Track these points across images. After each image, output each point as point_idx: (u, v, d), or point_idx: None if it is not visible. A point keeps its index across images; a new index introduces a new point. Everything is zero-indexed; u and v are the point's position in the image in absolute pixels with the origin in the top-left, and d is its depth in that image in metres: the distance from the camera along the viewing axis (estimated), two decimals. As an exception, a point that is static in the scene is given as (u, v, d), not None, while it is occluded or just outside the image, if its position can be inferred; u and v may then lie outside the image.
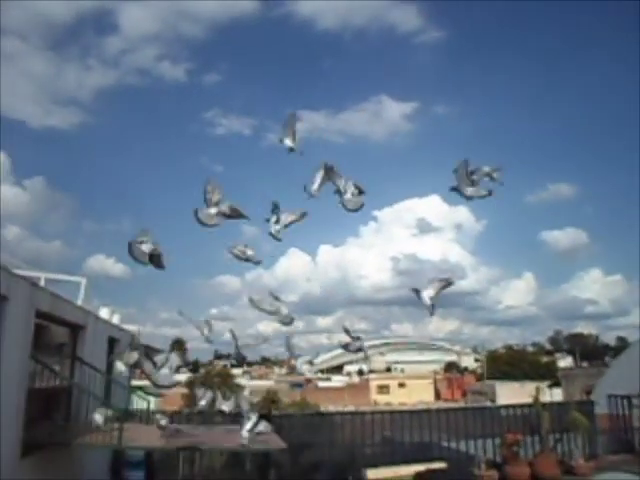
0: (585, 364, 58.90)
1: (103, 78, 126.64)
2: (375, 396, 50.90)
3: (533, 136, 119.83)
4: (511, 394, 28.55)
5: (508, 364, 59.26)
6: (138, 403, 10.20)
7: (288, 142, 4.40)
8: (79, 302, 8.47)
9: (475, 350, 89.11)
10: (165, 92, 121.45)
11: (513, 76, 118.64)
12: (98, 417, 6.51)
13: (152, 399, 13.70)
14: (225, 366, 58.05)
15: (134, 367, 3.90)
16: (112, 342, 9.64)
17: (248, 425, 6.53)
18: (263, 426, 6.76)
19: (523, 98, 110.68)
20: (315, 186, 4.46)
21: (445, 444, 10.71)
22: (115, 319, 10.50)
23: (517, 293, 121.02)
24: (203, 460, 9.72)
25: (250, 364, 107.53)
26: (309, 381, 67.01)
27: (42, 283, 7.13)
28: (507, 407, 11.49)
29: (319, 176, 4.46)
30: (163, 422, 7.51)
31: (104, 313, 9.77)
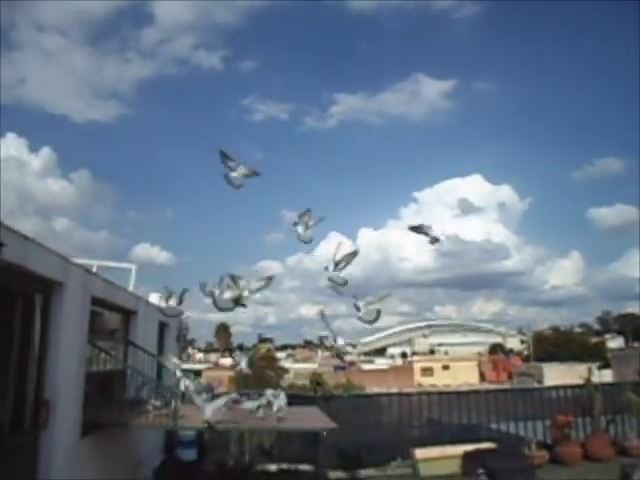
0: (637, 345, 57.08)
1: (142, 70, 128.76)
2: (419, 378, 50.73)
3: (578, 109, 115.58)
4: (559, 376, 27.93)
5: (555, 345, 58.03)
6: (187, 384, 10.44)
7: (300, 230, 4.42)
8: (130, 288, 8.72)
9: (520, 331, 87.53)
10: (202, 81, 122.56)
11: (555, 47, 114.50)
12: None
13: (199, 381, 14.06)
14: (269, 349, 59.00)
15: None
16: (162, 326, 9.90)
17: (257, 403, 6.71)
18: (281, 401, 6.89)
19: (566, 70, 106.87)
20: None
21: (493, 426, 10.60)
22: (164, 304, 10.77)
23: (564, 273, 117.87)
24: (253, 439, 9.95)
25: (293, 347, 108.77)
26: (352, 364, 67.35)
27: (94, 270, 7.36)
28: (557, 388, 11.26)
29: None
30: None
31: (154, 298, 10.02)
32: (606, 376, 25.03)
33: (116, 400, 7.06)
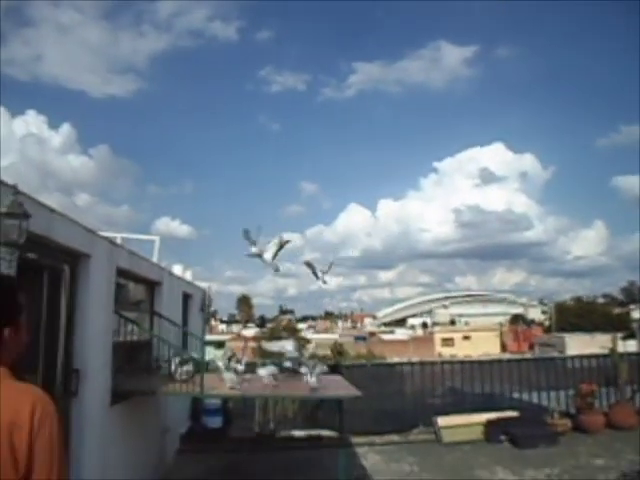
0: (662, 315, 56.30)
1: (157, 43, 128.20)
2: (439, 349, 50.94)
3: (603, 74, 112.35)
4: (581, 346, 27.75)
5: (577, 316, 57.59)
6: (211, 355, 10.61)
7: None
8: (154, 259, 8.80)
9: (542, 302, 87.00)
10: (218, 52, 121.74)
11: (579, 10, 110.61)
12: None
13: (224, 351, 14.29)
14: (290, 320, 59.63)
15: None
16: (186, 297, 10.03)
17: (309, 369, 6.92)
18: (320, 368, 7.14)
19: (591, 34, 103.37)
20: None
21: (515, 395, 10.62)
22: (188, 275, 10.89)
23: (587, 243, 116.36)
24: (277, 407, 10.13)
25: (314, 318, 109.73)
26: (373, 334, 67.87)
27: (118, 242, 7.43)
28: (580, 357, 11.19)
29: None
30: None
31: (177, 270, 10.14)
32: (631, 346, 24.76)
33: (144, 369, 7.21)
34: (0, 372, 1.56)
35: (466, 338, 53.65)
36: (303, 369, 7.24)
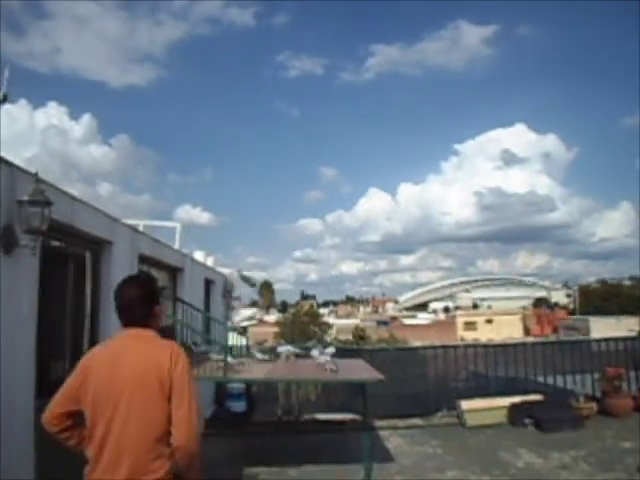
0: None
1: (174, 31, 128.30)
2: (462, 332, 50.69)
3: (628, 52, 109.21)
4: (606, 329, 27.34)
5: (602, 299, 56.73)
6: (234, 340, 10.71)
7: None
8: (176, 246, 8.87)
9: (566, 285, 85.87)
10: (235, 39, 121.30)
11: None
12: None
13: (247, 336, 14.44)
14: (312, 306, 59.87)
15: None
16: (208, 283, 10.11)
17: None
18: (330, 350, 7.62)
19: (614, 10, 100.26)
20: None
21: (540, 379, 10.51)
22: (209, 262, 10.97)
23: (612, 224, 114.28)
24: (300, 391, 10.20)
25: (335, 303, 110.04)
26: (395, 318, 67.86)
27: (140, 229, 7.49)
28: (606, 340, 11.00)
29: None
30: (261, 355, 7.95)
31: (199, 256, 10.22)
32: (658, 330, 24.39)
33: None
34: (152, 334, 2.40)
35: (488, 322, 53.25)
36: (314, 351, 7.40)
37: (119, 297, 2.43)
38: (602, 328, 30.81)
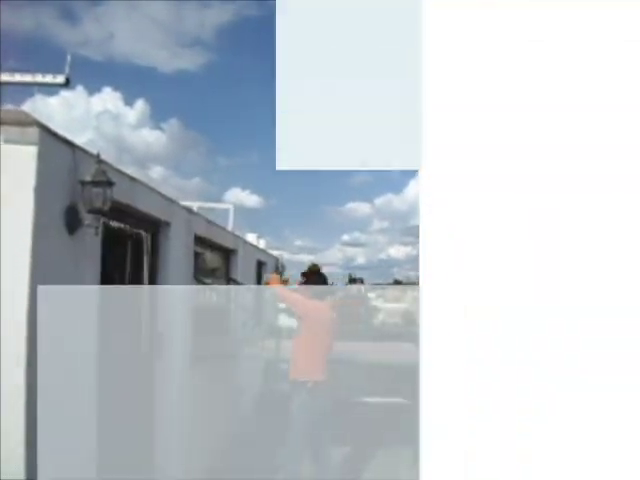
0: None
1: (223, 14, 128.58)
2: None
3: None
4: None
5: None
6: (285, 321, 10.82)
7: None
8: (229, 228, 8.96)
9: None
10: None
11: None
12: None
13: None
14: (360, 290, 59.68)
15: None
16: (260, 265, 10.19)
17: None
18: None
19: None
20: None
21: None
22: (261, 244, 11.05)
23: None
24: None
25: (383, 287, 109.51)
26: (444, 303, 66.88)
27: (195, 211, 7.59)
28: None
29: None
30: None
31: (251, 238, 10.30)
32: None
33: (222, 333, 7.43)
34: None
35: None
36: None
37: None
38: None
